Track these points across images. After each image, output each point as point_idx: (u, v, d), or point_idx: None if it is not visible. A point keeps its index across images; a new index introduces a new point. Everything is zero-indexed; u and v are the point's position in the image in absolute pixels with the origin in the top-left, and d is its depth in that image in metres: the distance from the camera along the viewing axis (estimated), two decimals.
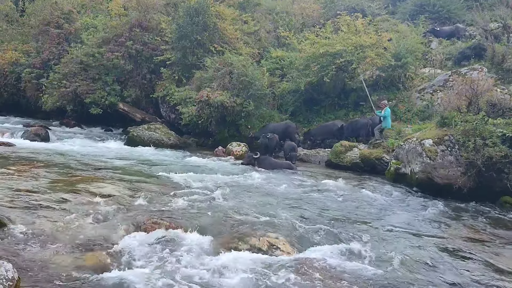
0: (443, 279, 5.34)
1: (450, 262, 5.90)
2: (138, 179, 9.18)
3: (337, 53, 16.43)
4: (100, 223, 5.94)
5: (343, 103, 17.72)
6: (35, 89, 21.19)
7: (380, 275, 5.23)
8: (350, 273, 5.16)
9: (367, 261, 5.66)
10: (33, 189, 7.17)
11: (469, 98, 10.93)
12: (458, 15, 24.03)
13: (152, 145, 15.93)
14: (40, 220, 5.73)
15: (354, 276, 5.09)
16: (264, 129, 16.20)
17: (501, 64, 16.01)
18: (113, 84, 19.66)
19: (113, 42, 19.95)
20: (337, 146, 14.00)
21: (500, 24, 18.53)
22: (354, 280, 5.00)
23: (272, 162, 13.05)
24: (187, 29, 18.34)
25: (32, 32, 23.09)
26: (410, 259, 5.83)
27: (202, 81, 17.50)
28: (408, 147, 11.03)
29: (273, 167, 12.69)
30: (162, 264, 5.04)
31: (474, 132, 9.68)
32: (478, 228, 7.66)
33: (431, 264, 5.74)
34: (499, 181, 9.26)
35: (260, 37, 21.82)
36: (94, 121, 19.82)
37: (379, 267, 5.49)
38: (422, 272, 5.49)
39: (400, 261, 5.69)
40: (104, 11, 22.89)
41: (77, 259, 4.93)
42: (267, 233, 6.05)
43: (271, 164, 12.90)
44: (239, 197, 8.49)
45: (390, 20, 23.76)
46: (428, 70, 18.32)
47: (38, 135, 15.64)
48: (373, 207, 8.73)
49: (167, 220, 6.28)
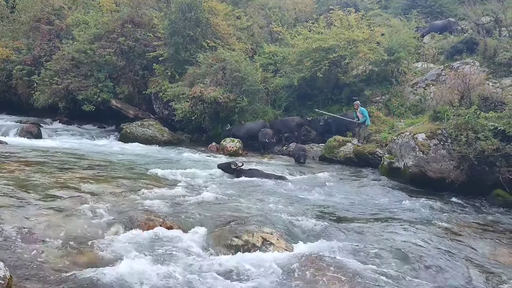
0: (431, 274, 5.38)
1: (436, 254, 5.94)
2: (131, 176, 9.14)
3: (330, 48, 16.43)
4: (92, 220, 5.90)
5: (337, 98, 17.74)
6: (26, 86, 21.02)
7: (373, 269, 5.25)
8: (342, 267, 5.17)
9: (360, 255, 5.67)
10: (24, 186, 7.11)
11: (461, 92, 10.99)
12: (450, 9, 24.10)
13: (146, 142, 15.90)
14: (32, 217, 5.68)
15: (345, 269, 5.10)
16: (241, 128, 16.14)
17: (492, 58, 16.08)
18: (105, 81, 19.55)
19: (105, 38, 19.82)
20: (330, 141, 14.08)
21: (491, 18, 18.60)
22: (347, 273, 5.01)
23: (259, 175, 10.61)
24: (179, 25, 18.25)
25: (23, 29, 22.87)
26: (402, 253, 5.85)
27: (195, 77, 17.45)
28: (401, 142, 11.07)
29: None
30: (156, 261, 5.01)
31: (466, 126, 9.72)
32: (467, 221, 7.70)
33: (423, 259, 5.77)
34: (491, 175, 9.31)
35: (253, 32, 21.79)
36: (87, 118, 19.72)
37: (372, 261, 5.51)
38: (415, 268, 5.51)
39: (393, 256, 5.71)
40: (96, 7, 22.68)
41: (69, 257, 4.89)
42: (261, 229, 6.05)
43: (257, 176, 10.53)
44: (232, 193, 8.48)
45: (383, 15, 23.83)
46: (421, 64, 18.38)
47: (30, 133, 15.55)
48: (366, 201, 8.76)
49: (161, 216, 6.25)
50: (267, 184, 9.72)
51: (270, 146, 15.19)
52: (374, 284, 4.83)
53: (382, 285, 4.84)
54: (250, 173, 10.70)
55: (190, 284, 4.56)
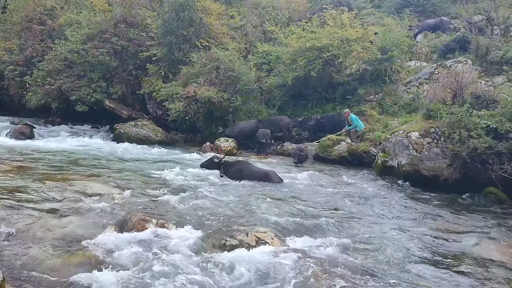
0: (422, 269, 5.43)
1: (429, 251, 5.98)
2: (125, 176, 9.11)
3: (323, 47, 16.45)
4: (86, 221, 5.88)
5: (331, 97, 17.78)
6: (18, 87, 20.83)
7: (369, 267, 5.27)
8: (337, 265, 5.18)
9: (355, 253, 5.69)
10: (17, 187, 7.07)
11: (454, 90, 11.05)
12: (443, 8, 24.21)
13: (139, 142, 15.84)
14: (25, 219, 5.65)
15: (340, 265, 5.12)
16: (234, 127, 16.13)
17: (485, 56, 16.17)
18: (98, 81, 19.42)
19: (97, 38, 19.67)
20: (324, 140, 14.10)
21: (484, 17, 18.69)
22: (342, 269, 5.02)
23: (245, 172, 10.03)
24: (172, 25, 18.20)
25: (15, 29, 22.62)
26: (397, 250, 5.89)
27: (189, 77, 17.40)
28: (395, 140, 11.11)
29: (244, 177, 9.88)
30: (150, 261, 5.00)
31: (459, 124, 9.78)
32: (459, 219, 7.74)
33: (416, 258, 5.81)
34: (484, 172, 9.35)
35: (246, 31, 21.76)
36: (80, 118, 19.60)
37: (367, 259, 5.54)
38: (407, 265, 5.55)
39: (387, 253, 5.75)
40: (88, 7, 22.54)
41: (63, 258, 4.87)
42: (255, 228, 6.04)
43: (243, 174, 9.99)
44: (225, 192, 8.47)
45: (376, 14, 23.90)
46: (414, 63, 18.45)
47: (23, 133, 15.45)
48: (360, 200, 8.78)
49: (155, 217, 6.23)
50: (260, 183, 9.69)
51: (268, 146, 15.16)
52: (367, 280, 4.85)
53: (373, 281, 4.86)
54: (238, 165, 10.37)
55: (183, 283, 4.55)
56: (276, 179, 9.89)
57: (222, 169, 10.28)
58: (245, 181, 9.76)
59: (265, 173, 10.12)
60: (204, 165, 10.63)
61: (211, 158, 10.63)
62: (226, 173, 10.21)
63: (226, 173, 10.21)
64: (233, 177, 9.95)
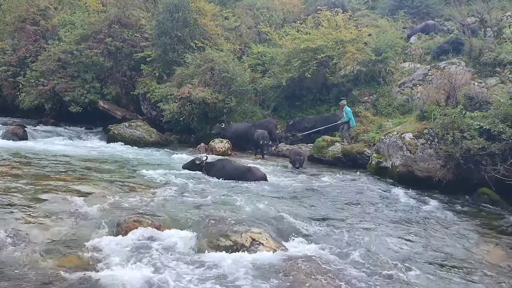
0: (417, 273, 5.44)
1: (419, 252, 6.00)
2: (118, 178, 9.07)
3: (318, 48, 16.48)
4: (79, 222, 5.84)
5: (325, 98, 17.80)
6: (12, 88, 20.71)
7: (360, 268, 5.28)
8: (331, 267, 5.19)
9: (349, 255, 5.70)
10: (9, 189, 7.02)
11: (447, 91, 11.11)
12: (436, 10, 24.33)
13: (133, 143, 15.80)
14: (17, 220, 5.60)
15: (333, 268, 5.12)
16: (228, 128, 16.09)
17: (478, 58, 16.25)
18: (92, 82, 19.33)
19: (91, 38, 19.58)
20: (319, 141, 14.11)
21: (477, 18, 18.80)
22: (335, 272, 5.03)
23: (228, 169, 10.12)
24: (167, 25, 18.16)
25: (8, 29, 22.49)
26: (390, 251, 5.90)
27: (183, 78, 17.38)
28: (389, 141, 11.15)
29: (228, 176, 9.93)
30: (144, 263, 4.97)
31: (453, 125, 9.83)
32: (452, 220, 7.78)
33: (409, 259, 5.83)
34: (477, 173, 9.39)
35: (241, 32, 21.77)
36: (74, 119, 19.50)
37: (360, 260, 5.54)
38: (399, 266, 5.56)
39: (379, 254, 5.76)
40: (82, 7, 22.45)
41: (55, 260, 4.83)
42: (249, 229, 6.03)
43: (226, 170, 10.08)
44: (219, 193, 8.45)
45: (370, 15, 23.96)
46: (408, 64, 18.51)
47: (16, 134, 15.32)
48: (354, 201, 8.78)
49: (148, 218, 6.20)
50: (252, 184, 9.69)
51: (265, 148, 15.11)
52: (359, 281, 4.86)
53: (365, 283, 4.87)
54: (221, 165, 10.33)
55: (177, 284, 4.54)
56: (259, 174, 10.04)
57: (204, 170, 10.36)
58: (237, 182, 9.77)
59: (247, 169, 10.28)
60: (186, 167, 10.67)
61: (193, 159, 10.71)
62: (208, 172, 10.26)
63: (208, 172, 10.26)
64: (216, 175, 10.03)
